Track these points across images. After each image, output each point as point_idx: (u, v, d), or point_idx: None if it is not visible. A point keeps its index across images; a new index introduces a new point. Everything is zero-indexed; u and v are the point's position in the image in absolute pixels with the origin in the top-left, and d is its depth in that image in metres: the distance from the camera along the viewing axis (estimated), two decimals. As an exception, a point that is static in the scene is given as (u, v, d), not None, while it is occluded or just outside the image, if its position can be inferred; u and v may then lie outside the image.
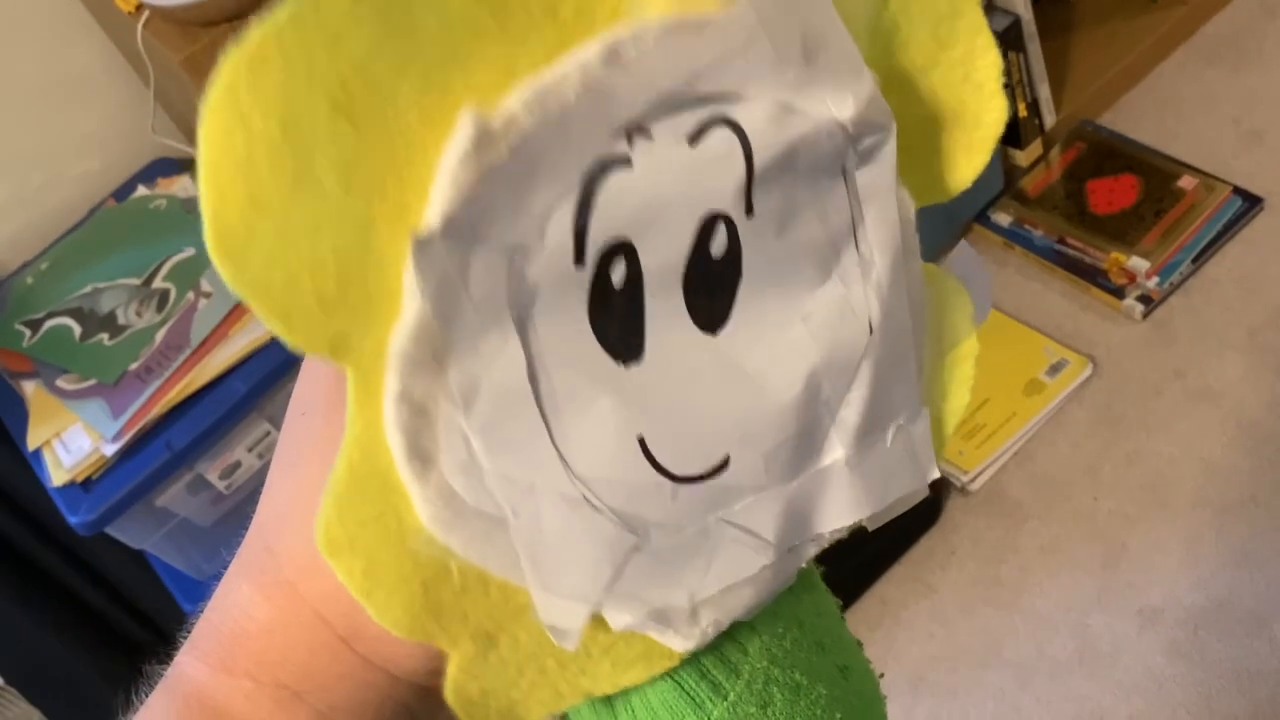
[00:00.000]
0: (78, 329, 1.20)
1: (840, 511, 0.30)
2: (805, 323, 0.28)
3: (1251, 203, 1.50)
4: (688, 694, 0.30)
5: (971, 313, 0.32)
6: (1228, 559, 1.26)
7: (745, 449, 0.28)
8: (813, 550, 0.31)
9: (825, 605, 0.34)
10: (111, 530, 1.10)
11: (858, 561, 1.36)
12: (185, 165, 1.30)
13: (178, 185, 1.29)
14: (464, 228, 0.24)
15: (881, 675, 0.36)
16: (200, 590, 1.21)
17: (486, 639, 0.27)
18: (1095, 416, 1.42)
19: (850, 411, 0.29)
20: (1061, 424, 1.43)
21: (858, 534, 0.32)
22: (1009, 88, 1.54)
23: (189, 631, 0.30)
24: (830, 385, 0.29)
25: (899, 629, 1.35)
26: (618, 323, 0.26)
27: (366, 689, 0.28)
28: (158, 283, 1.21)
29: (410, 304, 0.25)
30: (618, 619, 0.28)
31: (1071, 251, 1.55)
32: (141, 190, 1.30)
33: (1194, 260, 1.48)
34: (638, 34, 0.25)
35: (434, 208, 0.24)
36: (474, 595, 0.27)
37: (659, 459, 0.27)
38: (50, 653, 1.41)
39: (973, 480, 1.41)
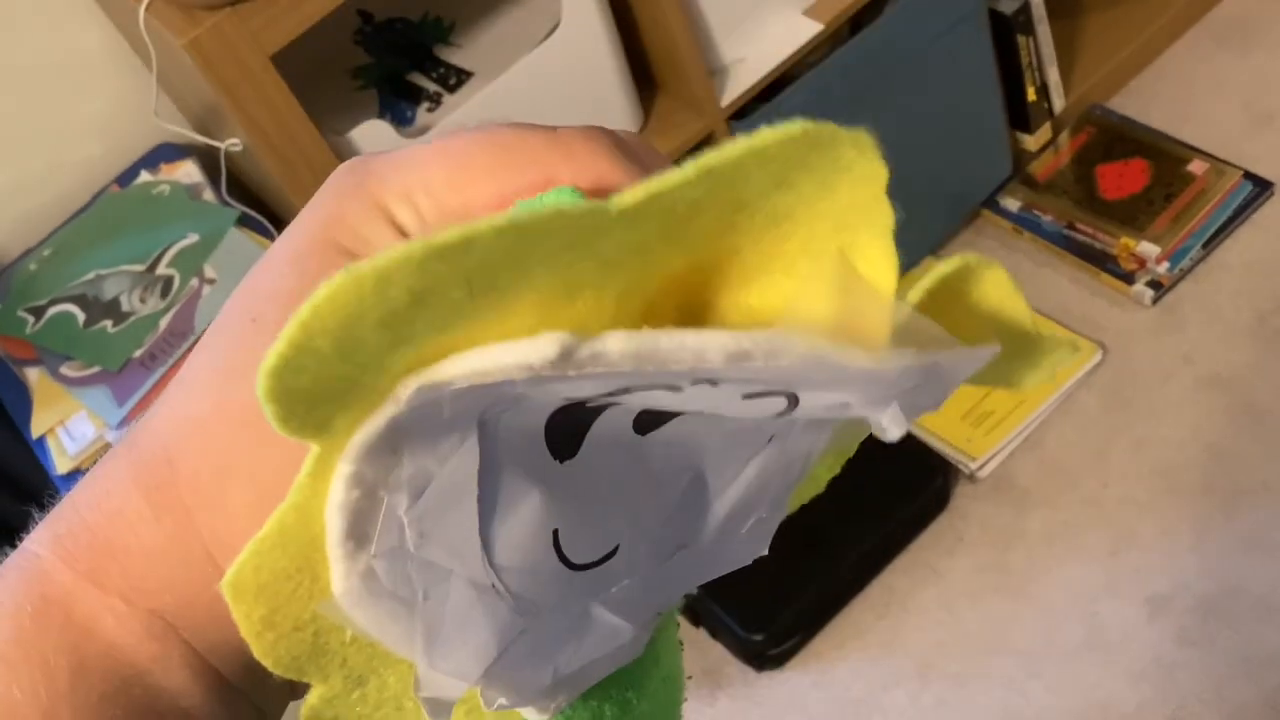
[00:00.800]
0: (81, 316, 1.20)
1: (688, 585, 0.31)
2: (715, 426, 0.27)
3: (1262, 187, 1.49)
4: None
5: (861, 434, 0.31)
6: (1237, 545, 1.26)
7: (633, 538, 0.29)
8: (658, 619, 0.32)
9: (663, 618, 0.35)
10: (116, 518, 1.10)
11: (865, 549, 1.36)
12: (188, 150, 1.29)
13: (181, 170, 1.28)
14: (472, 405, 0.24)
15: (690, 678, 0.36)
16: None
17: (357, 680, 0.28)
18: (1104, 402, 1.42)
19: (725, 504, 0.29)
20: (1070, 410, 1.42)
21: (864, 522, 0.32)
22: (1020, 71, 1.53)
23: (51, 505, 0.28)
24: (718, 476, 0.29)
25: (907, 616, 1.34)
26: (570, 427, 0.26)
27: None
28: (161, 269, 1.20)
29: (386, 411, 0.24)
30: (489, 698, 0.28)
31: (1081, 237, 1.54)
32: (144, 176, 1.29)
33: (1204, 245, 1.47)
34: (776, 349, 0.22)
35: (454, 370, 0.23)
36: (358, 647, 0.27)
37: (565, 551, 0.28)
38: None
39: (981, 467, 1.40)
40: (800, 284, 0.25)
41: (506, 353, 0.23)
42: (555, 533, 0.27)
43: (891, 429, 0.26)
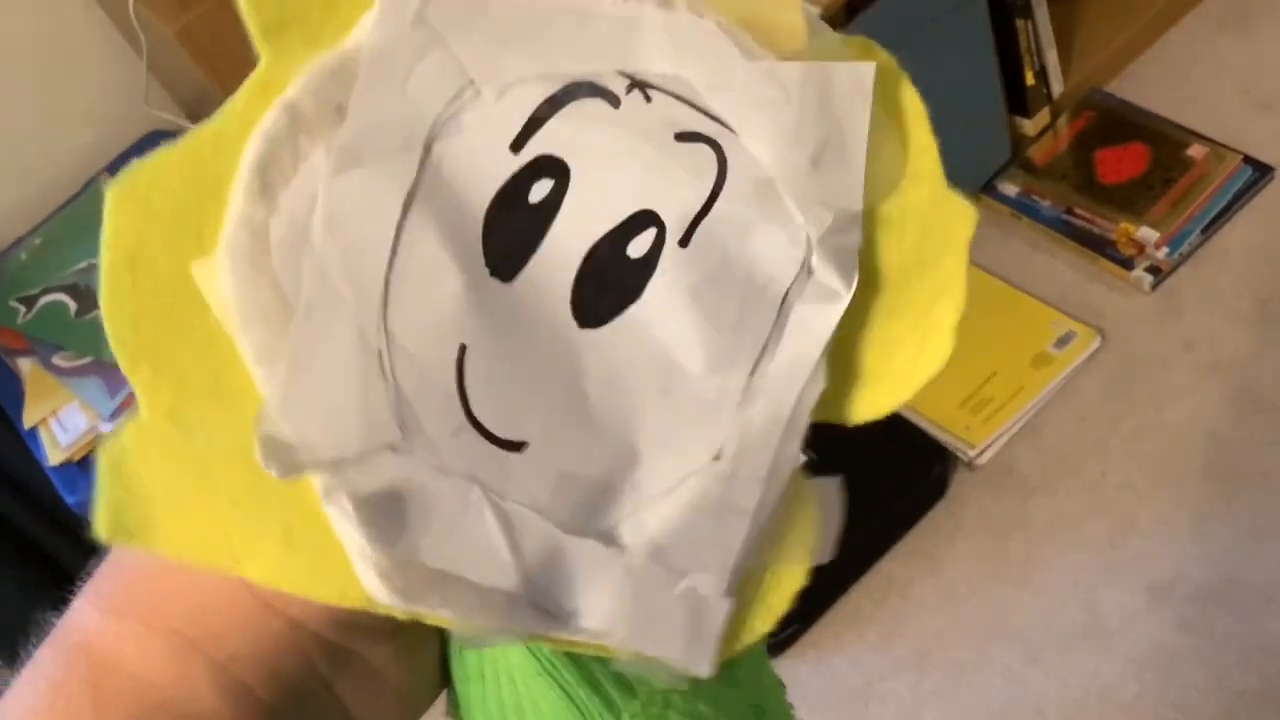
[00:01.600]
0: (73, 305, 1.19)
1: (601, 611, 0.26)
2: (661, 395, 0.26)
3: (1262, 172, 1.48)
4: (578, 708, 0.29)
5: (815, 540, 0.28)
6: (1238, 533, 1.25)
7: (543, 450, 0.26)
8: (557, 632, 0.26)
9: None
10: (109, 509, 1.09)
11: (864, 537, 1.35)
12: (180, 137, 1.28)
13: (173, 159, 1.27)
14: (443, 19, 0.24)
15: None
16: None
17: (186, 423, 0.24)
18: (1104, 389, 1.41)
19: (655, 519, 0.26)
20: (1069, 397, 1.41)
21: (862, 510, 0.30)
22: (1018, 55, 1.52)
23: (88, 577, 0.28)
24: (650, 474, 0.26)
25: (906, 605, 1.34)
26: (510, 235, 0.25)
27: (266, 638, 0.27)
28: (153, 258, 1.19)
29: (354, 40, 0.24)
30: (330, 494, 0.24)
31: (1079, 222, 1.53)
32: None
33: (1203, 230, 1.47)
34: (699, 6, 0.24)
35: None
36: (206, 366, 0.24)
37: (466, 384, 0.25)
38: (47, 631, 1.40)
39: (980, 454, 1.39)
40: None
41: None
42: (462, 353, 0.25)
43: (826, 277, 0.26)
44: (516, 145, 0.24)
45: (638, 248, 0.25)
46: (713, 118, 0.25)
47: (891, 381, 0.28)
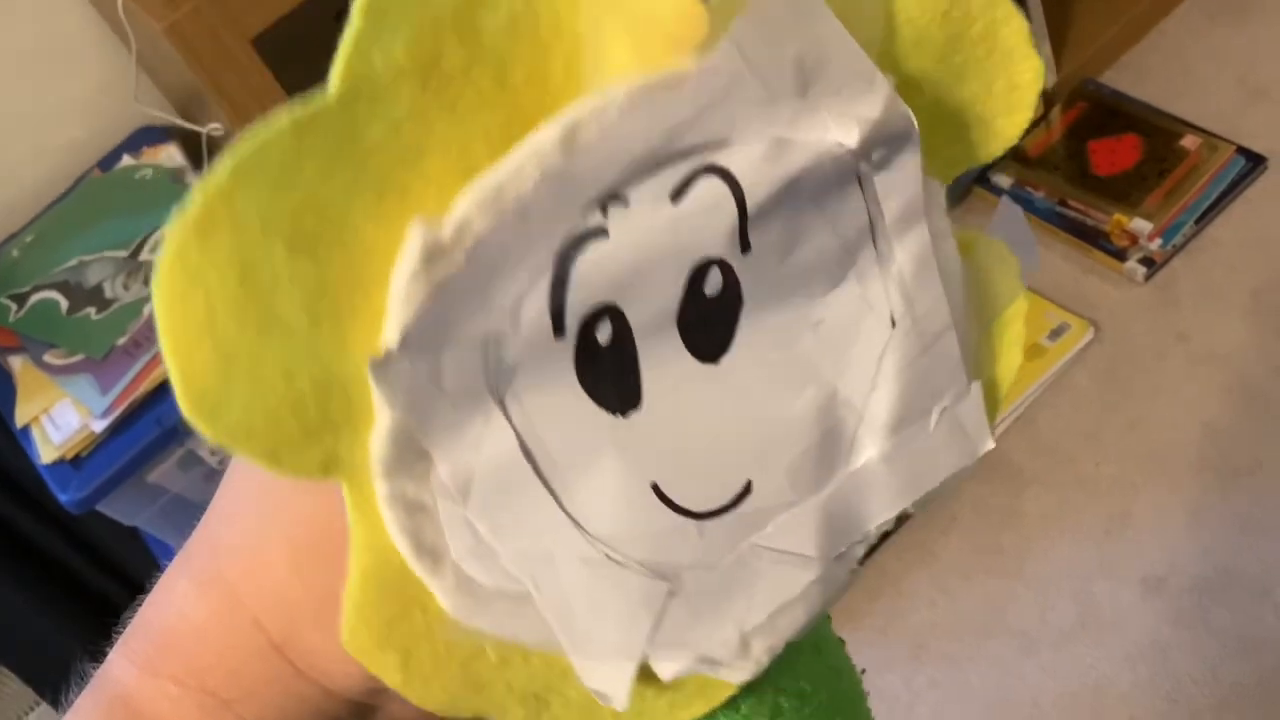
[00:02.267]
0: (64, 303, 1.18)
1: (883, 507, 0.29)
2: (815, 331, 0.27)
3: (1255, 162, 1.48)
4: None
5: (1018, 271, 0.30)
6: (1232, 525, 1.25)
7: (765, 470, 0.27)
8: (860, 550, 0.29)
9: None
10: (102, 507, 1.09)
11: (858, 530, 1.35)
12: (171, 133, 1.27)
13: (163, 154, 1.26)
14: (425, 338, 0.23)
15: (863, 671, 0.36)
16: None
17: (536, 701, 0.27)
18: (1097, 381, 1.41)
19: (879, 408, 0.28)
20: (1063, 389, 1.41)
21: None
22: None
23: (124, 626, 0.29)
24: (849, 386, 0.27)
25: (900, 597, 1.34)
26: (609, 378, 0.25)
27: (297, 700, 0.27)
28: (145, 255, 1.19)
29: (382, 414, 0.24)
30: (666, 669, 0.27)
31: (1073, 213, 1.53)
32: (127, 160, 1.28)
33: (1197, 221, 1.46)
34: (597, 110, 0.23)
35: (390, 326, 0.23)
36: (514, 667, 0.26)
37: (676, 501, 0.26)
38: (44, 631, 1.40)
39: (974, 446, 1.39)
40: (582, 42, 0.24)
41: (396, 280, 0.23)
42: (657, 488, 0.26)
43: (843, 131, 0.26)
44: (558, 332, 0.25)
45: (712, 286, 0.26)
46: (692, 151, 0.25)
47: (1008, 109, 0.29)
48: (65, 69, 1.28)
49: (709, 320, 0.26)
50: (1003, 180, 1.58)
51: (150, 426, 1.06)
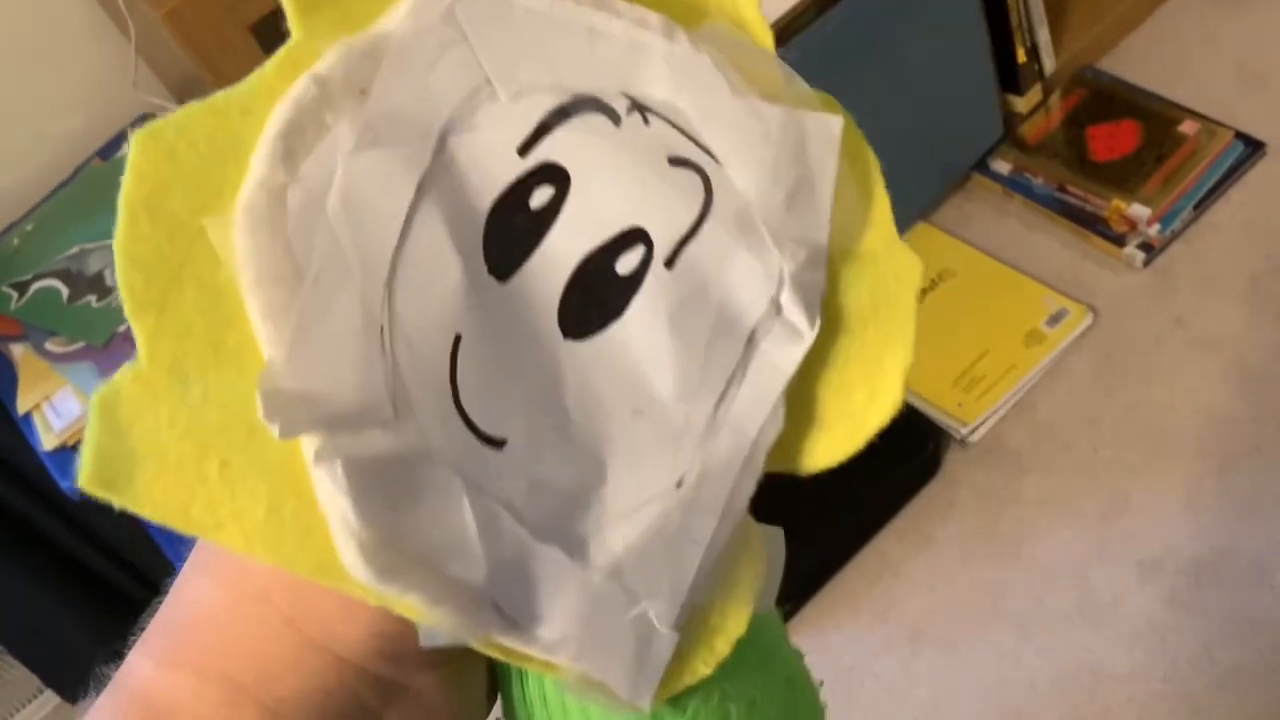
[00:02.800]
0: (65, 291, 1.19)
1: (557, 623, 0.26)
2: (633, 415, 0.27)
3: (1254, 148, 1.48)
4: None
5: (758, 587, 0.28)
6: (1229, 509, 1.26)
7: (521, 452, 0.26)
8: (510, 640, 0.26)
9: (768, 619, 0.33)
10: (104, 494, 1.09)
11: (857, 515, 1.36)
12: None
13: (163, 143, 1.26)
14: (472, 12, 0.26)
15: (821, 683, 0.35)
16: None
17: (182, 376, 0.24)
18: (1096, 366, 1.41)
19: (618, 538, 0.27)
20: (1062, 374, 1.42)
21: (855, 488, 0.31)
22: (1010, 32, 1.52)
23: (143, 627, 0.29)
24: (616, 492, 0.27)
25: (898, 583, 1.35)
26: (508, 238, 0.26)
27: (314, 677, 0.27)
28: (145, 243, 1.19)
29: (386, 22, 0.26)
30: (321, 457, 0.24)
31: (1072, 199, 1.53)
32: (127, 148, 1.28)
33: (1195, 207, 1.47)
34: (698, 40, 0.26)
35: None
36: (207, 315, 0.24)
37: (458, 374, 0.26)
38: (47, 618, 1.41)
39: (972, 432, 1.40)
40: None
41: None
42: (457, 342, 0.26)
43: (792, 314, 0.27)
44: (524, 150, 0.26)
45: (626, 264, 0.26)
46: (701, 147, 0.27)
47: (845, 427, 0.28)
48: (65, 58, 1.29)
49: (596, 297, 0.26)
50: (1002, 166, 1.58)
51: (151, 413, 1.07)
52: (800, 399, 0.28)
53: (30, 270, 1.22)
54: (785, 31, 1.33)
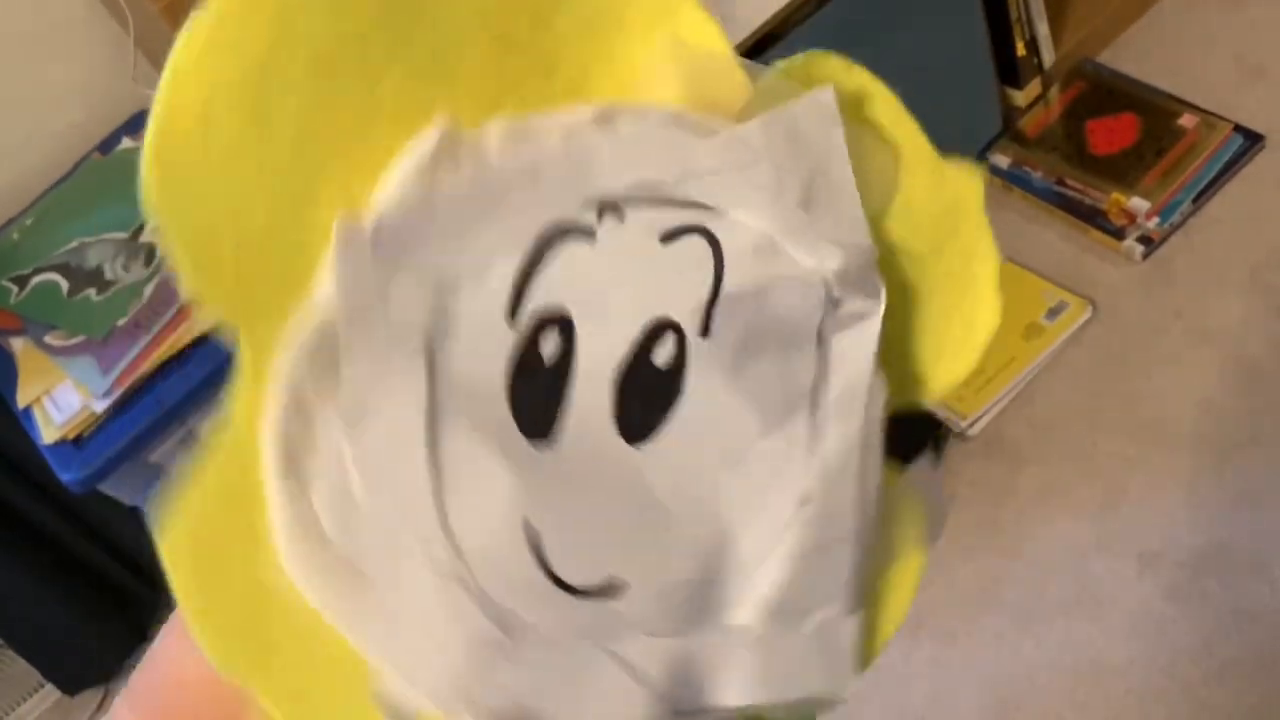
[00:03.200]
0: (65, 285, 1.19)
1: (739, 688, 0.26)
2: (732, 471, 0.26)
3: (1253, 140, 1.48)
4: None
5: (923, 529, 0.29)
6: (1228, 501, 1.26)
7: (640, 577, 0.25)
8: None
9: None
10: (104, 487, 1.09)
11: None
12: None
13: (163, 137, 1.26)
14: (398, 239, 0.23)
15: None
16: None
17: (295, 699, 0.24)
18: (1095, 359, 1.41)
19: (765, 582, 0.26)
20: (1061, 367, 1.42)
21: None
22: (1008, 24, 1.51)
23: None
24: (746, 546, 0.26)
25: (898, 574, 1.35)
26: (537, 398, 0.25)
27: None
28: (144, 236, 1.19)
29: (323, 293, 0.23)
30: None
31: (1071, 193, 1.53)
32: (126, 142, 1.28)
33: (1195, 200, 1.47)
34: (639, 110, 0.24)
35: (375, 207, 0.23)
36: (302, 644, 0.24)
37: (547, 556, 0.25)
38: (48, 612, 1.41)
39: (972, 425, 1.40)
40: (640, 68, 0.26)
41: (401, 162, 0.23)
42: (532, 530, 0.25)
43: (826, 259, 0.26)
44: (511, 316, 0.25)
45: (663, 356, 0.25)
46: (693, 204, 0.25)
47: (955, 351, 0.28)
48: (64, 52, 1.29)
49: (648, 396, 0.25)
50: (1001, 160, 1.58)
51: (151, 407, 1.07)
52: (900, 348, 0.28)
53: (30, 264, 1.22)
54: (782, 25, 1.33)
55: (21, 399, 1.12)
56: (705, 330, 0.26)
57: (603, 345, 0.25)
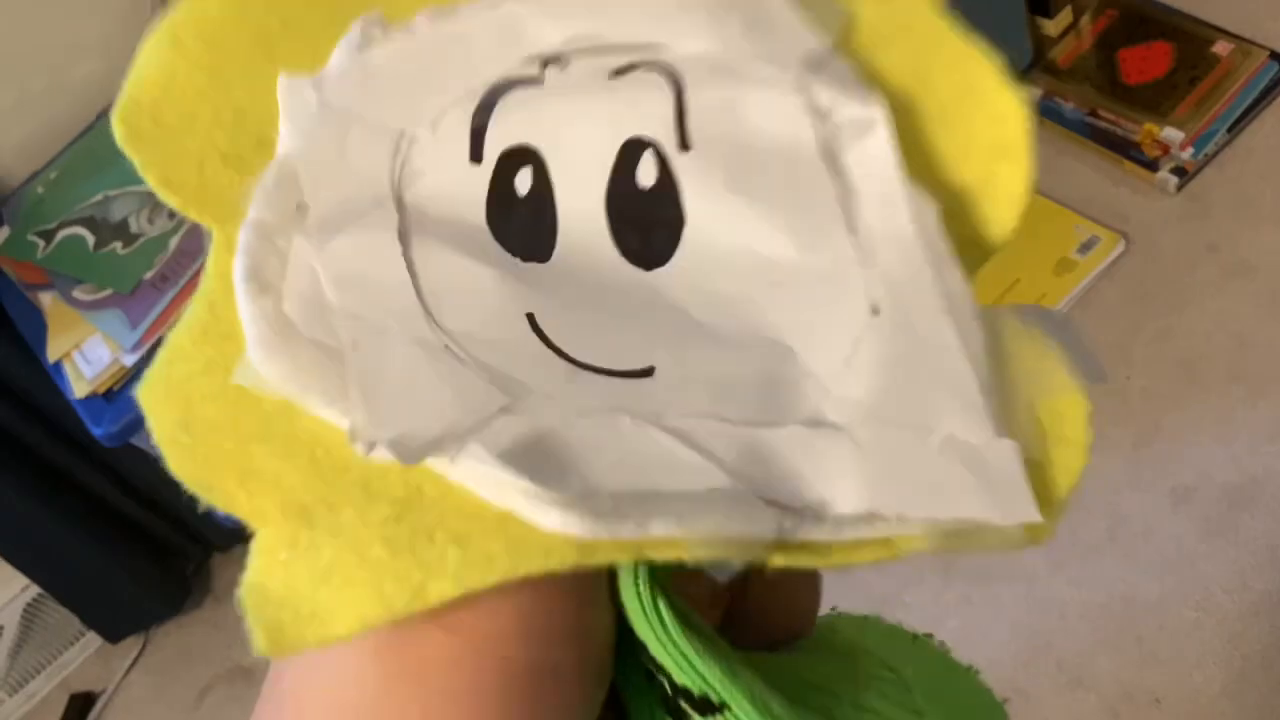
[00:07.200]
0: (91, 238, 1.19)
1: (849, 487, 0.22)
2: (774, 289, 0.24)
3: (1290, 67, 1.45)
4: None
5: (1067, 365, 0.26)
6: (1261, 435, 1.25)
7: (678, 369, 0.24)
8: (816, 533, 0.22)
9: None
10: (136, 440, 1.10)
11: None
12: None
13: (183, 87, 1.26)
14: (342, 98, 0.25)
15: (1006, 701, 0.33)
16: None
17: (300, 513, 0.22)
18: (1127, 294, 1.40)
19: (853, 388, 0.24)
20: (1093, 302, 1.40)
21: None
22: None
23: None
24: (816, 356, 0.24)
25: (929, 513, 1.34)
26: (523, 224, 0.25)
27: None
28: (168, 188, 1.19)
29: (280, 151, 0.25)
30: (485, 472, 0.22)
31: (1103, 124, 1.50)
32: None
33: (1229, 130, 1.44)
34: None
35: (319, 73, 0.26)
36: (294, 458, 0.23)
37: (553, 338, 0.23)
38: (87, 561, 1.43)
39: (1002, 362, 1.39)
40: None
41: (339, 45, 0.26)
42: (532, 319, 0.24)
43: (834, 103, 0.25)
44: (475, 157, 0.25)
45: (646, 174, 0.25)
46: (634, 47, 0.25)
47: (994, 154, 0.27)
48: (83, 4, 1.28)
49: (645, 221, 0.24)
50: (1032, 92, 1.56)
51: (180, 359, 1.07)
52: (932, 175, 0.26)
53: (55, 218, 1.23)
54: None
55: (52, 353, 1.13)
56: (684, 144, 0.25)
57: (579, 174, 0.25)
